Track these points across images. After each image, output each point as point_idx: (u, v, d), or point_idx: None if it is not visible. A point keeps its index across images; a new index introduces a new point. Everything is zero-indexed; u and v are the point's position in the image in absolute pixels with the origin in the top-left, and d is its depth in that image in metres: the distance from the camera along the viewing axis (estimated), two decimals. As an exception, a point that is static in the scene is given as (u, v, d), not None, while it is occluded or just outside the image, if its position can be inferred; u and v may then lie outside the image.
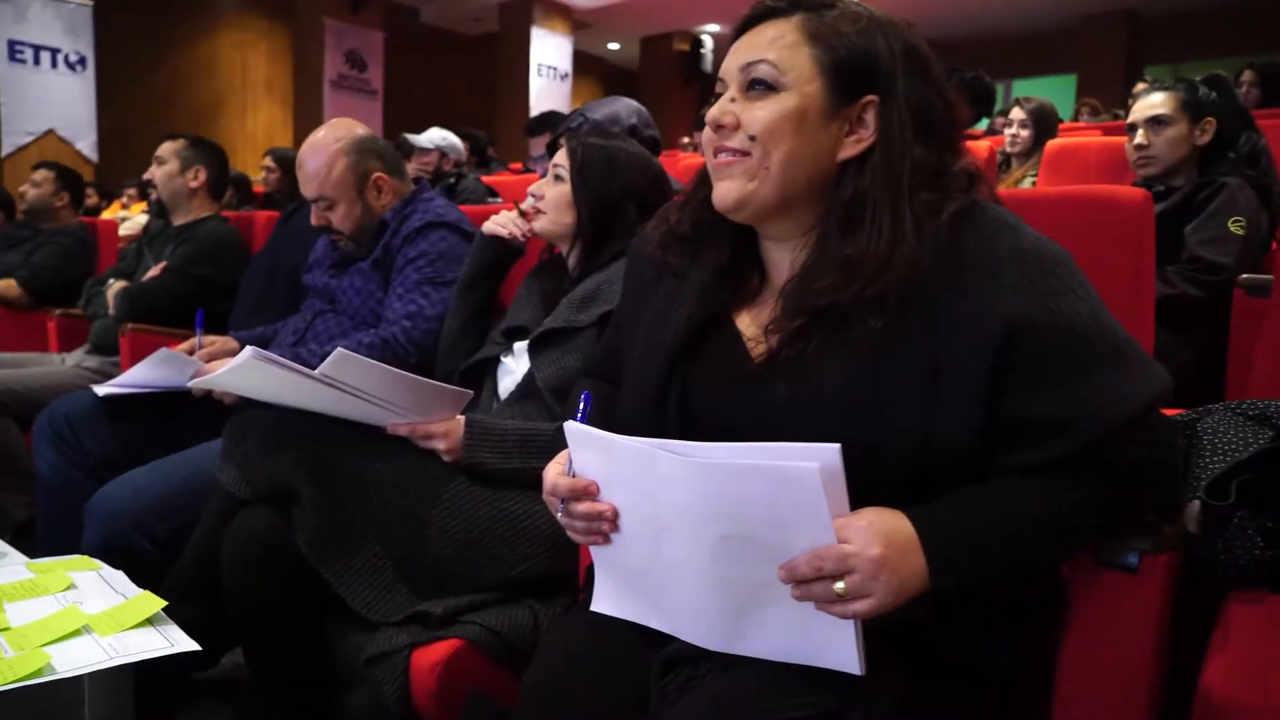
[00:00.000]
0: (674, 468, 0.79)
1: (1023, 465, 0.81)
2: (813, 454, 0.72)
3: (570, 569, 1.29)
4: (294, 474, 1.27)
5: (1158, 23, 10.44)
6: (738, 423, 0.90)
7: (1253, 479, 0.96)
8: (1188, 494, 0.95)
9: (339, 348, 1.19)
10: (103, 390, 1.84)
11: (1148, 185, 2.11)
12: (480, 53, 12.26)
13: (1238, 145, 2.11)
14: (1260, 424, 1.01)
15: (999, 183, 3.09)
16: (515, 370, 1.52)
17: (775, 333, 0.88)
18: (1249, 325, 1.55)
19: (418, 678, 1.19)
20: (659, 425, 0.94)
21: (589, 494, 0.89)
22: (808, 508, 0.74)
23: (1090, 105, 6.77)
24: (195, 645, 1.02)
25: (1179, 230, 1.99)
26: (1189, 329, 1.89)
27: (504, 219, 1.65)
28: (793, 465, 0.72)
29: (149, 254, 2.72)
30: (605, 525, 0.89)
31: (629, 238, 1.53)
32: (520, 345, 1.53)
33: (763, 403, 0.88)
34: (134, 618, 1.06)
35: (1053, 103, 3.60)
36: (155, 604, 1.08)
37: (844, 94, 0.88)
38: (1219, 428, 1.01)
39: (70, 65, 7.98)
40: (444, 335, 1.69)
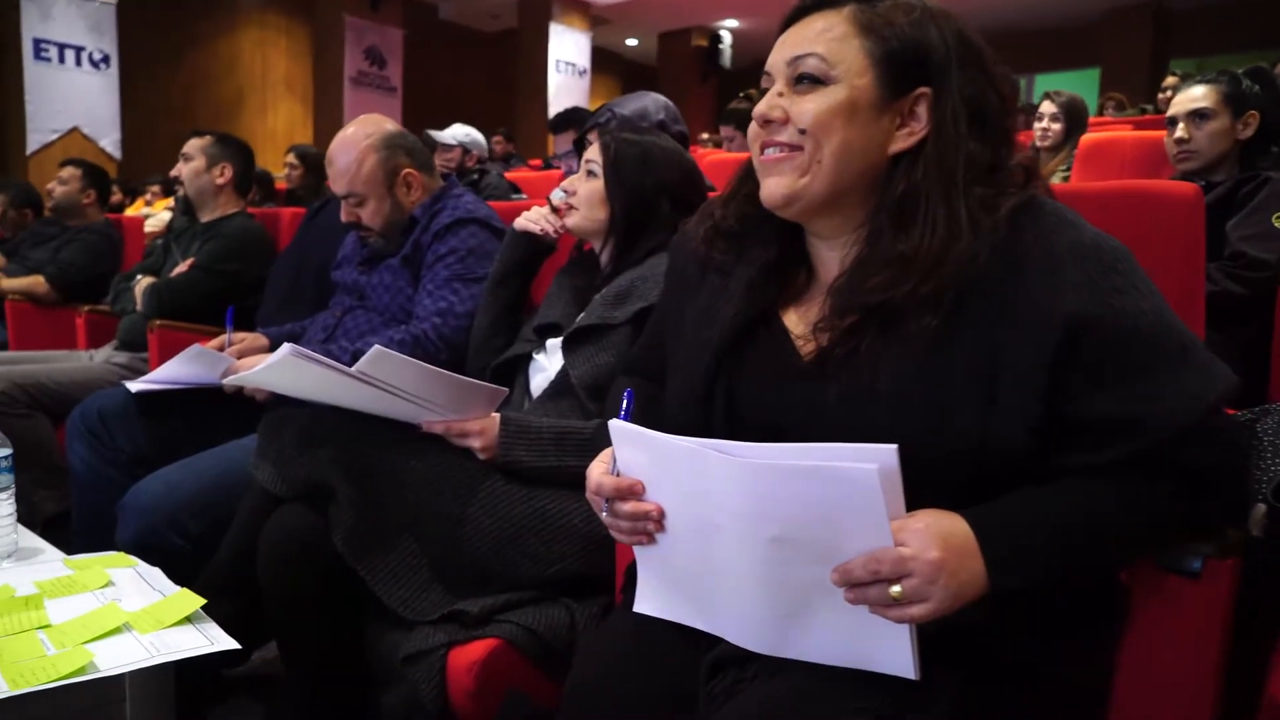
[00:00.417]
0: (725, 468, 0.77)
1: (1084, 467, 0.79)
2: (870, 455, 0.71)
3: (607, 568, 1.28)
4: (330, 472, 1.26)
5: (1184, 16, 10.30)
6: (786, 421, 0.88)
7: (1316, 481, 0.94)
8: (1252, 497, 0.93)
9: (376, 345, 1.18)
10: (135, 386, 1.85)
11: (1187, 180, 2.07)
12: (499, 49, 12.27)
13: (1281, 138, 2.07)
14: (1320, 424, 0.99)
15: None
16: (548, 367, 1.51)
17: (825, 331, 0.87)
18: (1293, 322, 1.52)
19: (455, 677, 1.18)
20: (705, 423, 0.92)
21: (634, 493, 0.87)
22: (864, 510, 0.72)
23: (1115, 99, 6.70)
24: (235, 644, 1.01)
25: (1220, 226, 1.94)
26: (1232, 327, 1.85)
27: (536, 215, 1.64)
28: (851, 466, 0.70)
29: (176, 250, 2.72)
30: (651, 525, 0.87)
31: (662, 234, 1.52)
32: (553, 342, 1.51)
33: (813, 401, 0.87)
34: (173, 615, 1.06)
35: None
36: (195, 602, 1.08)
37: (896, 86, 0.86)
38: None
39: (94, 63, 8.04)
40: (474, 332, 1.69)
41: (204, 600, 1.07)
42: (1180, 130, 2.09)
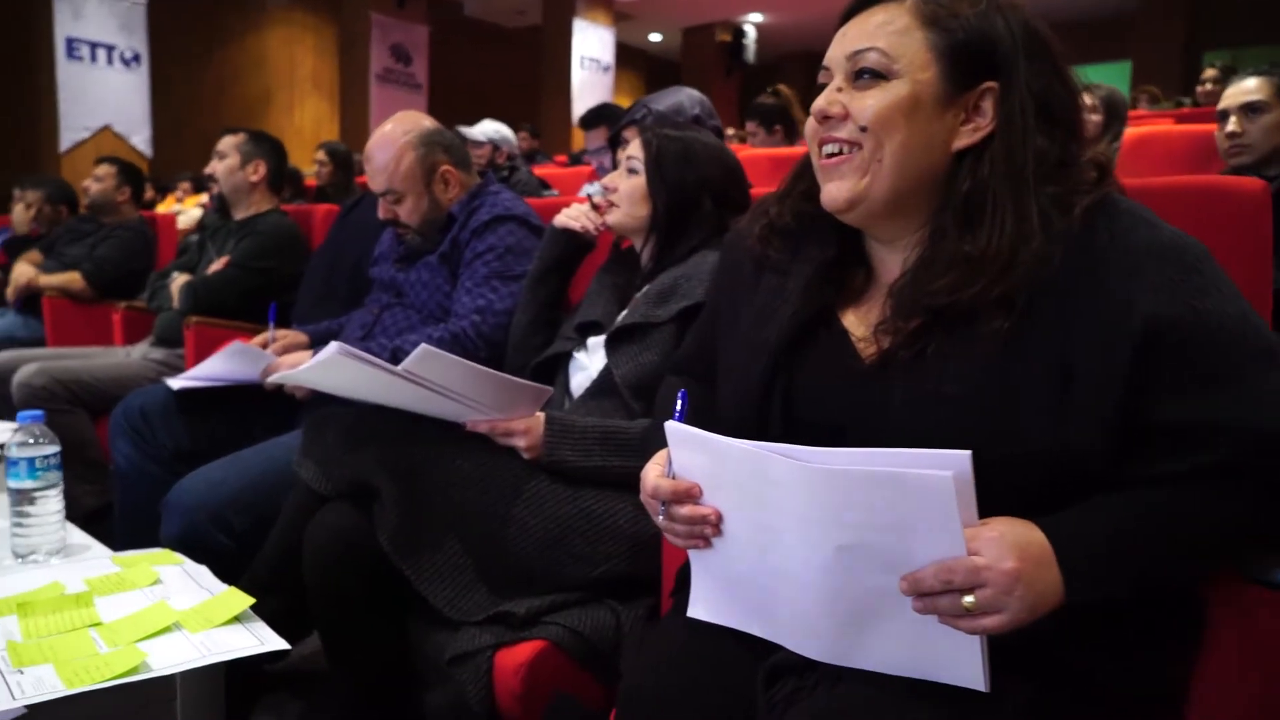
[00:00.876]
0: (790, 472, 0.75)
1: (1164, 474, 0.76)
2: (944, 461, 0.69)
3: (652, 570, 1.27)
4: (375, 471, 1.26)
5: (1217, 6, 10.11)
6: (846, 423, 0.86)
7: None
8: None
9: (423, 344, 1.17)
10: (177, 384, 1.86)
11: (1239, 175, 2.02)
12: (523, 45, 12.29)
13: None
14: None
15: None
16: (589, 366, 1.50)
17: (888, 333, 0.85)
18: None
19: (501, 678, 1.17)
20: (761, 424, 0.91)
21: (691, 496, 0.86)
22: (937, 518, 0.70)
23: (1149, 93, 6.59)
24: (285, 644, 1.01)
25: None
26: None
27: (576, 212, 1.62)
28: (925, 473, 0.68)
29: (211, 248, 2.74)
30: (708, 530, 0.86)
31: (704, 231, 1.51)
32: (594, 341, 1.50)
33: (874, 404, 0.85)
34: (223, 615, 1.06)
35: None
36: (244, 601, 1.08)
37: (961, 80, 0.84)
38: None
39: (125, 62, 8.13)
40: (513, 330, 1.68)
41: (253, 600, 1.07)
42: (1233, 124, 2.04)
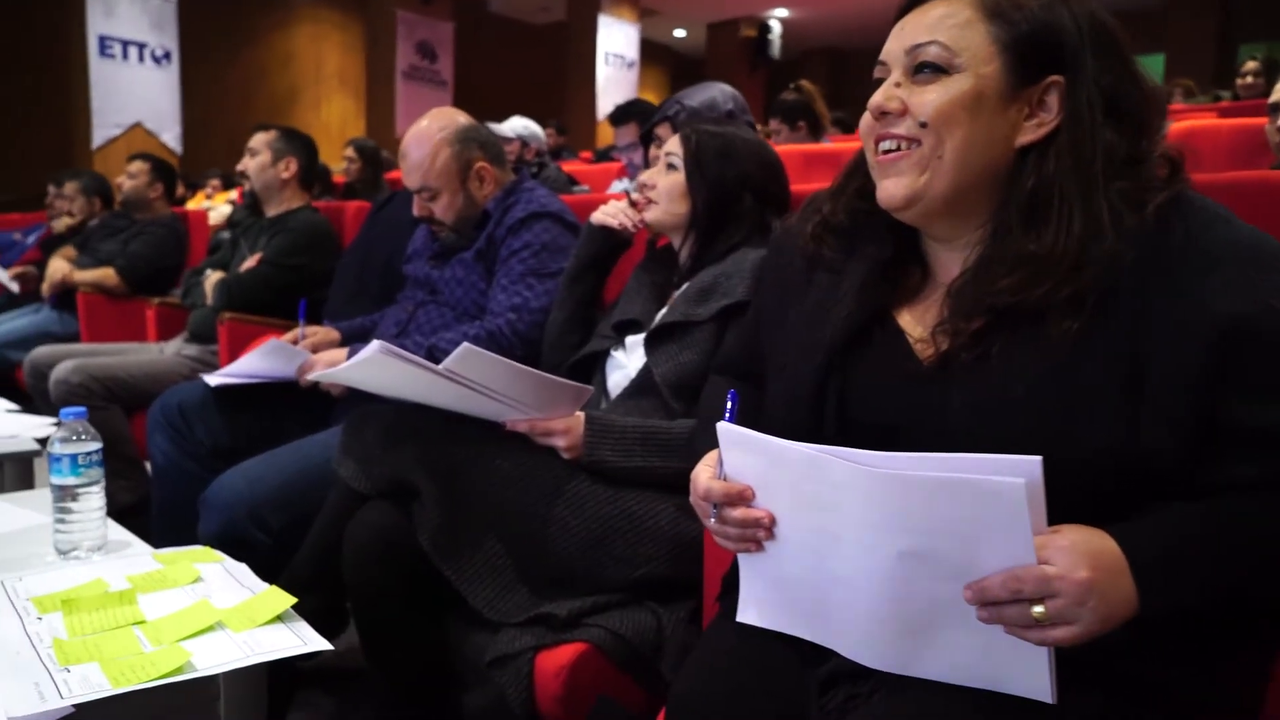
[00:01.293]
0: (853, 476, 0.73)
1: (1242, 481, 0.73)
2: (1015, 467, 0.66)
3: (693, 572, 1.25)
4: (414, 470, 1.25)
5: (1253, -3, 9.93)
6: (903, 426, 0.84)
7: None
8: None
9: (465, 343, 1.16)
10: (214, 380, 1.86)
11: (1289, 170, 1.97)
12: (547, 42, 12.29)
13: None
14: None
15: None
16: (627, 365, 1.48)
17: (949, 333, 0.82)
18: None
19: (542, 681, 1.16)
20: (815, 425, 0.89)
21: (744, 499, 0.84)
22: (1007, 526, 0.68)
23: (1184, 86, 6.47)
24: (328, 645, 1.00)
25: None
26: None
27: (613, 209, 1.61)
28: (996, 480, 0.66)
29: (244, 244, 2.76)
30: (761, 533, 0.84)
31: (745, 228, 1.49)
32: (633, 340, 1.49)
33: (933, 406, 0.82)
34: (265, 614, 1.05)
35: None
36: (286, 601, 1.07)
37: (1025, 74, 0.82)
38: None
39: (156, 59, 8.21)
40: (549, 328, 1.67)
41: (295, 600, 1.07)
42: (1284, 118, 1.99)
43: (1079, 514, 0.73)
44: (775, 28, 12.62)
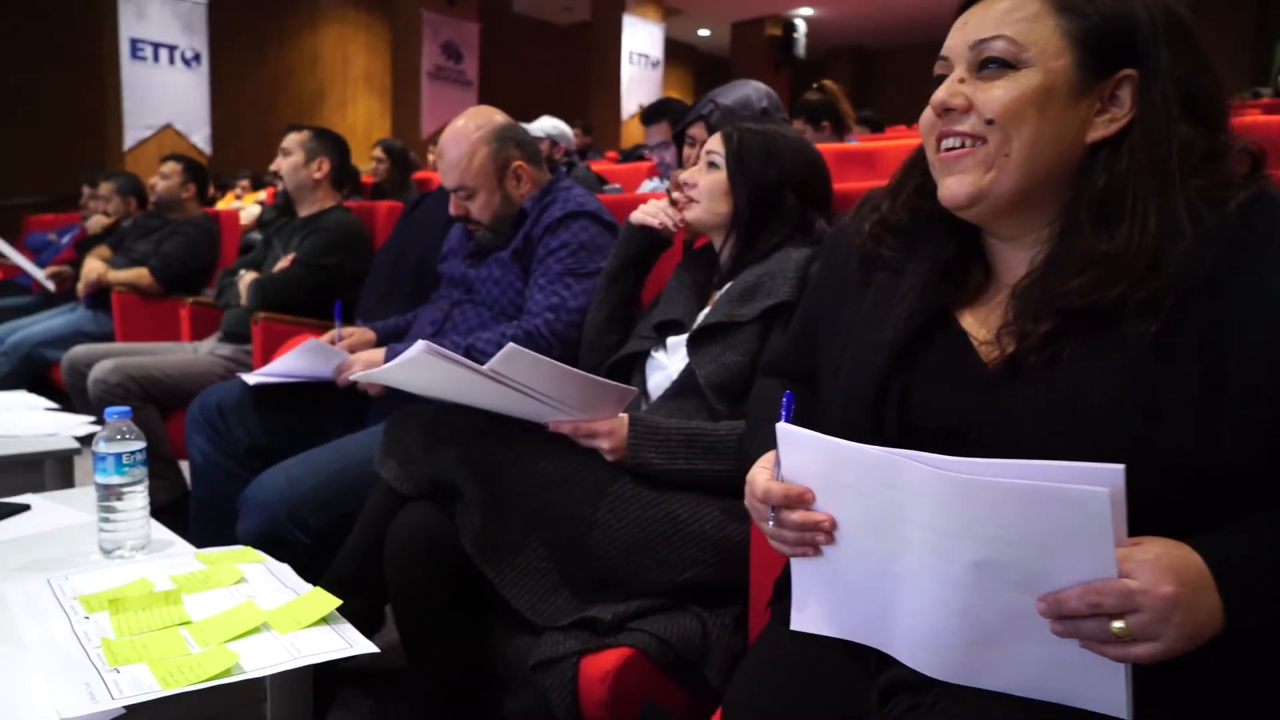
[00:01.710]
0: (926, 480, 0.71)
1: None
2: (1097, 475, 0.64)
3: (738, 577, 1.23)
4: (456, 471, 1.24)
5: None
6: (967, 430, 0.82)
7: None
8: None
9: (510, 343, 1.15)
10: (252, 380, 1.87)
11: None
12: (572, 42, 12.31)
13: None
14: None
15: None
16: (668, 366, 1.47)
17: (1016, 335, 0.80)
18: None
19: (587, 686, 1.14)
20: (874, 428, 0.86)
21: (804, 502, 0.82)
22: (1089, 536, 0.65)
23: (1220, 83, 6.32)
24: (373, 647, 0.99)
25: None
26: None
27: (653, 208, 1.59)
28: (1081, 489, 0.64)
29: (277, 244, 2.77)
30: (820, 537, 0.82)
31: (787, 228, 1.46)
32: (674, 340, 1.47)
33: (1000, 411, 0.80)
34: (311, 616, 1.05)
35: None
36: (331, 602, 1.06)
37: (1096, 68, 0.79)
38: None
39: (186, 61, 8.30)
40: (587, 328, 1.65)
41: (339, 601, 1.06)
42: (1338, 114, 1.94)
43: (1155, 524, 0.70)
44: (800, 26, 12.54)
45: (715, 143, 1.51)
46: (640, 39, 11.25)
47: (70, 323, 3.63)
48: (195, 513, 1.92)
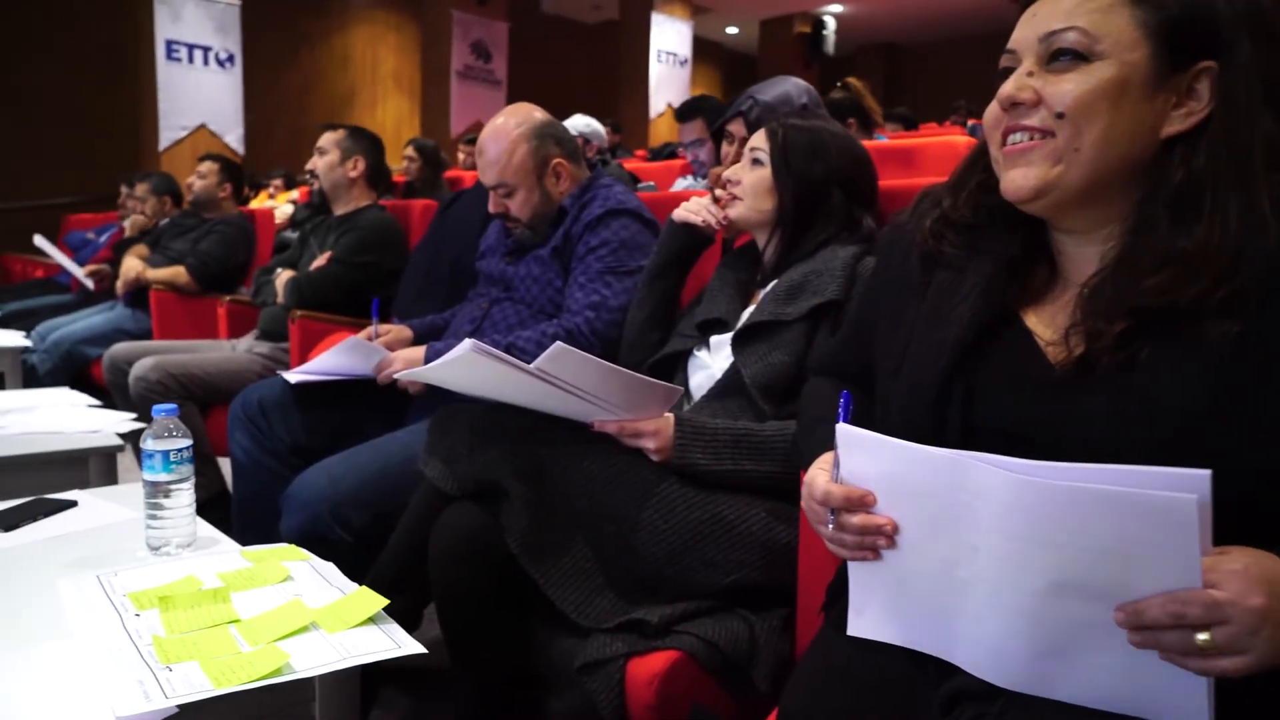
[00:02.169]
0: (995, 484, 0.69)
1: None
2: (1183, 481, 0.61)
3: (785, 579, 1.21)
4: (501, 471, 1.23)
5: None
6: (1035, 434, 0.79)
7: None
8: None
9: (558, 342, 1.14)
10: (293, 378, 1.87)
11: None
12: (600, 41, 12.31)
13: None
14: None
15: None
16: (711, 365, 1.45)
17: (1087, 335, 0.77)
18: None
19: (634, 689, 1.13)
20: (936, 430, 0.84)
21: (865, 504, 0.80)
22: (1174, 545, 0.63)
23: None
24: (421, 648, 0.99)
25: None
26: None
27: (696, 206, 1.57)
28: (1166, 495, 0.61)
29: (313, 243, 2.78)
30: (882, 541, 0.80)
31: (833, 225, 1.44)
32: (718, 339, 1.45)
33: (1070, 414, 0.78)
34: (358, 615, 1.04)
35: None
36: (378, 602, 1.06)
37: (1173, 61, 0.77)
38: None
39: (220, 62, 8.39)
40: (628, 327, 1.64)
41: (387, 601, 1.05)
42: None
43: (1236, 533, 0.67)
44: (830, 23, 12.43)
45: (760, 139, 1.49)
46: (668, 37, 11.23)
47: (109, 321, 3.68)
48: (237, 510, 1.93)
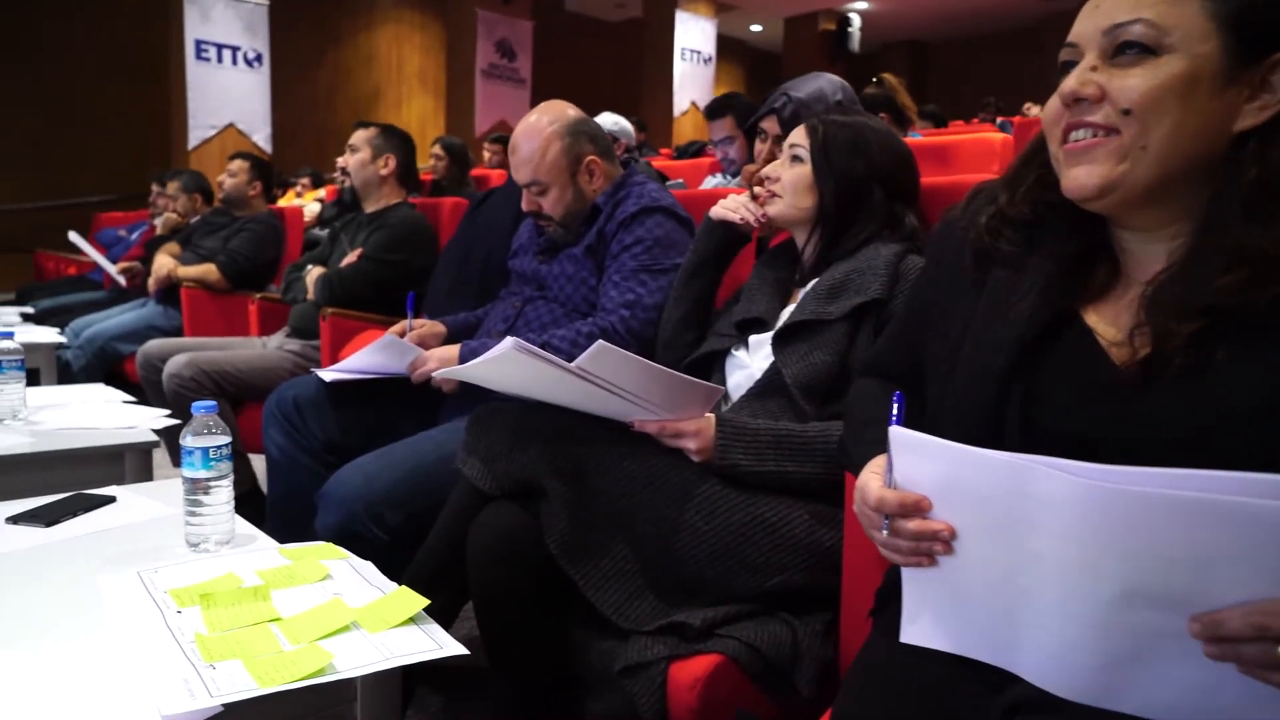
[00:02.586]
0: (1063, 489, 0.66)
1: None
2: (1266, 488, 0.59)
3: (829, 582, 1.19)
4: (541, 470, 1.21)
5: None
6: (1099, 436, 0.77)
7: None
8: None
9: (600, 341, 1.12)
10: (328, 375, 1.87)
11: None
12: (625, 39, 12.30)
13: None
14: None
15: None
16: (749, 364, 1.43)
17: (1154, 336, 0.75)
18: None
19: (676, 693, 1.11)
20: (994, 433, 0.82)
21: (920, 509, 0.78)
22: (1260, 554, 0.60)
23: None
24: (463, 649, 0.98)
25: None
26: None
27: (734, 203, 1.55)
28: (1256, 503, 0.59)
29: (344, 240, 2.79)
30: (938, 547, 0.78)
31: (875, 223, 1.42)
32: (757, 339, 1.43)
33: (1137, 416, 0.75)
34: (399, 615, 1.03)
35: None
36: (419, 602, 1.05)
37: (1247, 53, 0.74)
38: None
39: (248, 62, 8.46)
40: (663, 325, 1.62)
41: (427, 601, 1.04)
42: None
43: None
44: (855, 20, 12.34)
45: (799, 135, 1.47)
46: (692, 35, 11.20)
47: (141, 317, 3.71)
48: (272, 508, 1.94)
